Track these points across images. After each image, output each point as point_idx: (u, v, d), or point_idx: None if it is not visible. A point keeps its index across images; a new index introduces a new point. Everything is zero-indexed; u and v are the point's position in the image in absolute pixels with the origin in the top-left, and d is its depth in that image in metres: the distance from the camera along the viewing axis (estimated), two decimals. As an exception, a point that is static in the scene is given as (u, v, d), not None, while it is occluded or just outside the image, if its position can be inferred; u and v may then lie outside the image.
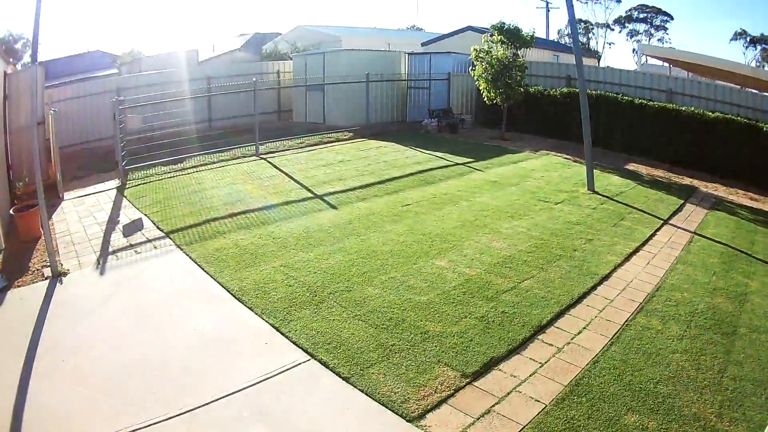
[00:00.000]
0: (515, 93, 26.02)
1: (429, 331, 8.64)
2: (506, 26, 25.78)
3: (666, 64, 38.21)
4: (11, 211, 12.92)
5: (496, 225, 13.78)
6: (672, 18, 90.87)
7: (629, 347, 8.24)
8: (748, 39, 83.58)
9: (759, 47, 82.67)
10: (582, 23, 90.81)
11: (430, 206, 15.19)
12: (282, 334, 8.52)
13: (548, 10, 69.66)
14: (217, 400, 6.96)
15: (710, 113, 22.93)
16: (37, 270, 11.01)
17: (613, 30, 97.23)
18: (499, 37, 25.75)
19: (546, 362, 7.93)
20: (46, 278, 10.58)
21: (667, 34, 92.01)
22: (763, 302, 10.21)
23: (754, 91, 26.08)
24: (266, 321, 8.90)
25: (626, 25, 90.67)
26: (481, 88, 26.69)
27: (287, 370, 7.65)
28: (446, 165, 20.52)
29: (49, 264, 10.88)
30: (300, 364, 7.80)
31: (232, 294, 9.83)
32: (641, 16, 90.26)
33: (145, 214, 14.35)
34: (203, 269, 10.87)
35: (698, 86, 25.89)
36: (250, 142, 21.70)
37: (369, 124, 26.62)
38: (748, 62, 75.76)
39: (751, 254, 12.96)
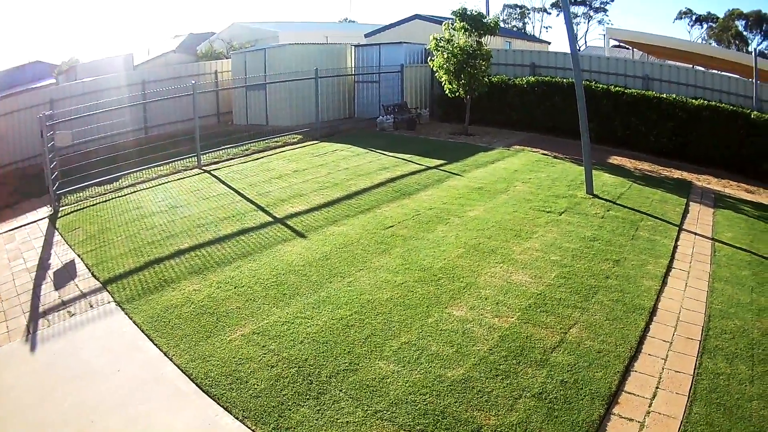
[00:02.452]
0: (480, 84, 24.26)
1: (482, 427, 6.32)
2: (468, 12, 24.03)
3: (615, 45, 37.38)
4: None
5: (505, 249, 11.64)
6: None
7: (709, 404, 6.94)
8: (693, 18, 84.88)
9: (705, 25, 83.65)
10: (518, 8, 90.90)
11: (417, 227, 12.92)
12: (279, 453, 6.00)
13: (489, -5, 67.68)
14: None
15: (694, 100, 21.91)
16: (-39, 341, 8.70)
17: (550, 14, 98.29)
18: (461, 24, 23.92)
19: (632, 446, 6.25)
20: (-30, 353, 8.28)
21: (607, 15, 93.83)
22: (809, 319, 9.40)
23: (734, 75, 25.61)
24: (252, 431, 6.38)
25: None
26: (442, 79, 24.75)
27: None
28: (418, 170, 18.37)
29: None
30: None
31: (197, 384, 7.23)
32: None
33: (78, 254, 11.86)
34: (153, 341, 8.29)
35: (677, 72, 24.74)
36: (190, 151, 19.35)
37: (318, 123, 24.52)
38: (693, 41, 75.96)
39: None
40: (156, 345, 8.20)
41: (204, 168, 18.67)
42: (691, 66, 29.45)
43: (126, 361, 7.94)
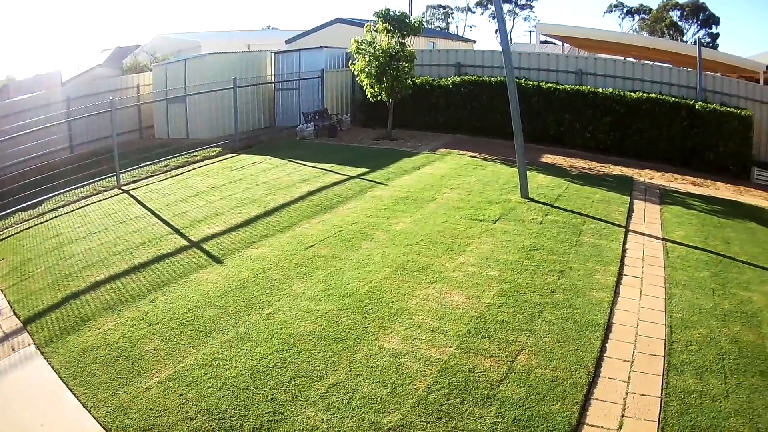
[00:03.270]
0: (404, 86, 23.93)
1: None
2: (392, 13, 23.69)
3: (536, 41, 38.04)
4: None
5: (437, 266, 11.03)
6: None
7: (682, 428, 6.67)
8: (624, 10, 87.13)
9: (637, 17, 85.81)
10: (441, 8, 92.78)
11: (340, 245, 12.21)
12: None
13: (412, -4, 68.18)
14: None
15: (632, 93, 22.24)
16: None
17: (474, 13, 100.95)
18: (384, 26, 23.56)
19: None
20: None
21: (533, 11, 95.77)
22: (776, 318, 9.55)
23: (667, 65, 26.53)
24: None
25: (488, 6, 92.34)
26: (363, 83, 24.35)
27: None
28: (339, 180, 17.75)
29: None
30: None
31: (117, 443, 6.54)
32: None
33: (1, 290, 11.19)
34: (71, 390, 7.65)
35: (613, 64, 25.22)
36: (112, 170, 18.66)
37: (237, 134, 23.92)
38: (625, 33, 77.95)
39: (734, 257, 12.33)
40: (75, 395, 7.60)
41: (123, 188, 18.03)
42: (622, 58, 29.74)
43: (49, 415, 7.43)
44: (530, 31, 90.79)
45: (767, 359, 8.24)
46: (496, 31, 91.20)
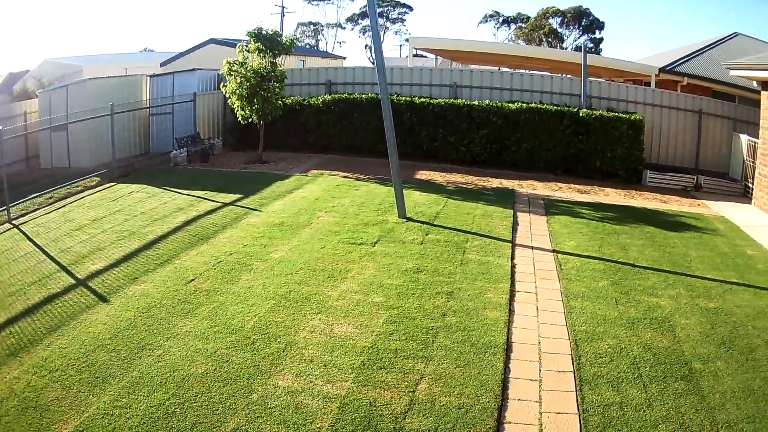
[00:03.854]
0: (274, 107, 23.79)
1: None
2: (264, 32, 23.62)
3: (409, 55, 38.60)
4: None
5: (320, 295, 10.77)
6: (411, 9, 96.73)
7: None
8: (500, 20, 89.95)
9: (513, 26, 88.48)
10: (311, 25, 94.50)
11: (221, 278, 11.79)
12: None
13: (283, 15, 68.00)
14: None
15: (510, 104, 22.63)
16: None
17: (344, 28, 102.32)
18: (256, 45, 23.44)
19: None
20: None
21: (405, 25, 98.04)
22: (689, 321, 9.90)
23: (548, 74, 26.64)
24: None
25: (359, 22, 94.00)
26: (234, 106, 24.07)
27: None
28: (214, 208, 17.31)
29: None
30: None
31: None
32: (378, 10, 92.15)
33: None
34: None
35: (490, 76, 25.59)
36: (3, 203, 18.01)
37: (115, 163, 23.36)
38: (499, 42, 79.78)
39: (634, 263, 12.63)
40: (-3, 452, 7.03)
41: (14, 222, 17.36)
42: (498, 69, 30.25)
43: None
44: (401, 45, 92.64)
45: (687, 363, 8.39)
46: (367, 46, 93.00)
